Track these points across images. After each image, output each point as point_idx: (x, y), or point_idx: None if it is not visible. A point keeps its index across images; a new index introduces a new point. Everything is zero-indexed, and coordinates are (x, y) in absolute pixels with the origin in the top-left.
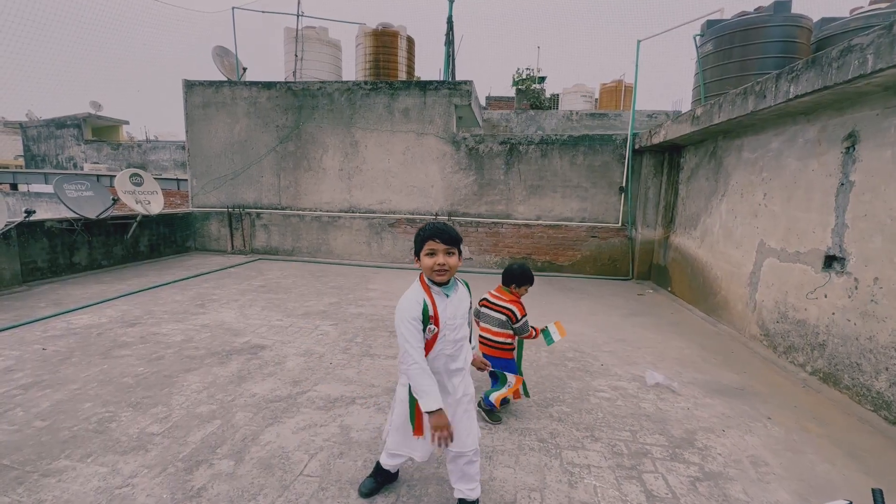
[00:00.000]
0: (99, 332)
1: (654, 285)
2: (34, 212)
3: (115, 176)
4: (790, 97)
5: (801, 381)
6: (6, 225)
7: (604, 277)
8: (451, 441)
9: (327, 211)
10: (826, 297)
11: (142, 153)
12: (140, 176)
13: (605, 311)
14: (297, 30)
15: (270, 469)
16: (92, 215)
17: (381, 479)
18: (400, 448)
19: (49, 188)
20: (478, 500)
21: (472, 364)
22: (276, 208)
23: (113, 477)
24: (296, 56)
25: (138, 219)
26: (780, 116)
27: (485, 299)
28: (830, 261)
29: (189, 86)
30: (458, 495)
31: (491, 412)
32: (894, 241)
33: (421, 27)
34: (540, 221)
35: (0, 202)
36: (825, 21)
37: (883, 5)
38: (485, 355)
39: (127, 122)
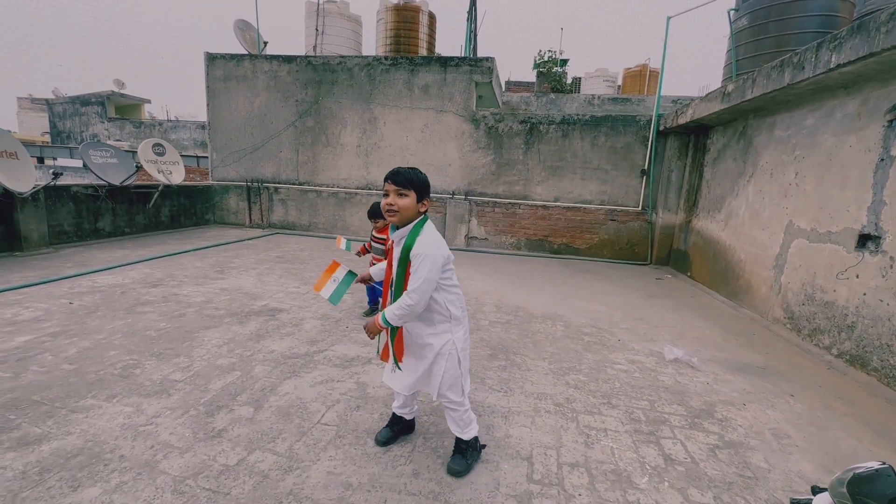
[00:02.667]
0: (123, 290)
1: (672, 270)
2: (62, 173)
3: (136, 152)
4: (831, 67)
5: (826, 364)
6: (34, 186)
7: (622, 261)
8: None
9: (344, 187)
10: (858, 277)
11: (163, 132)
12: (162, 146)
13: (623, 293)
14: (318, 4)
15: (289, 417)
16: (116, 181)
17: (397, 428)
18: (385, 379)
19: (75, 162)
20: (474, 438)
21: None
22: (294, 183)
23: (137, 416)
24: (316, 30)
25: (160, 188)
26: (818, 91)
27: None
28: (864, 240)
29: (211, 59)
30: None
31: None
32: None
33: (443, 2)
34: (558, 203)
35: (28, 164)
36: None
37: None
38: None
39: (149, 101)
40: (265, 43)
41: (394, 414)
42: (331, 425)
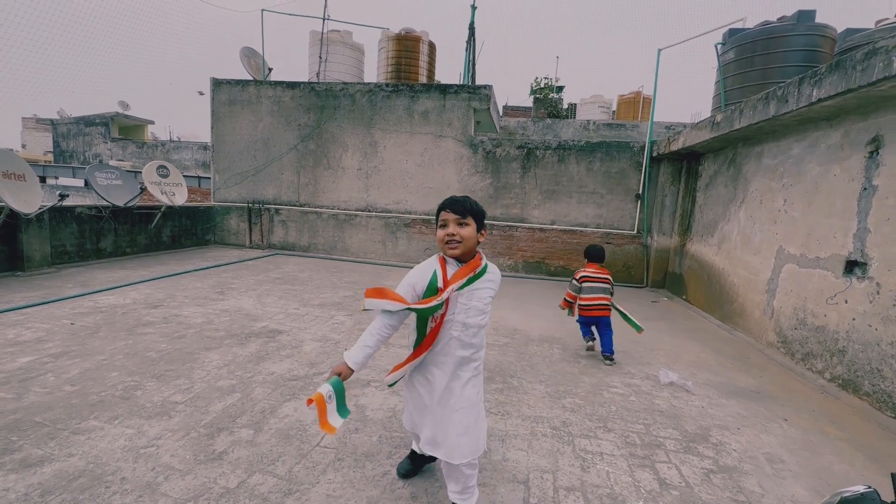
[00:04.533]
0: (124, 311)
1: (668, 293)
2: (68, 195)
3: (138, 173)
4: (813, 101)
5: (819, 388)
6: (40, 207)
7: (618, 284)
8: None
9: (344, 209)
10: (846, 302)
11: (165, 152)
12: (166, 168)
13: (619, 316)
14: (322, 33)
15: (289, 439)
16: (120, 203)
17: (416, 462)
18: (407, 422)
19: (77, 181)
20: None
21: None
22: (295, 205)
23: (139, 438)
24: (320, 58)
25: (163, 209)
26: (802, 122)
27: (585, 276)
28: (851, 266)
29: (217, 84)
30: (450, 497)
31: (610, 357)
32: None
33: (442, 32)
34: (555, 226)
35: (35, 185)
36: (850, 31)
37: None
38: (593, 317)
39: (152, 122)
40: (270, 69)
41: (413, 452)
42: (330, 448)
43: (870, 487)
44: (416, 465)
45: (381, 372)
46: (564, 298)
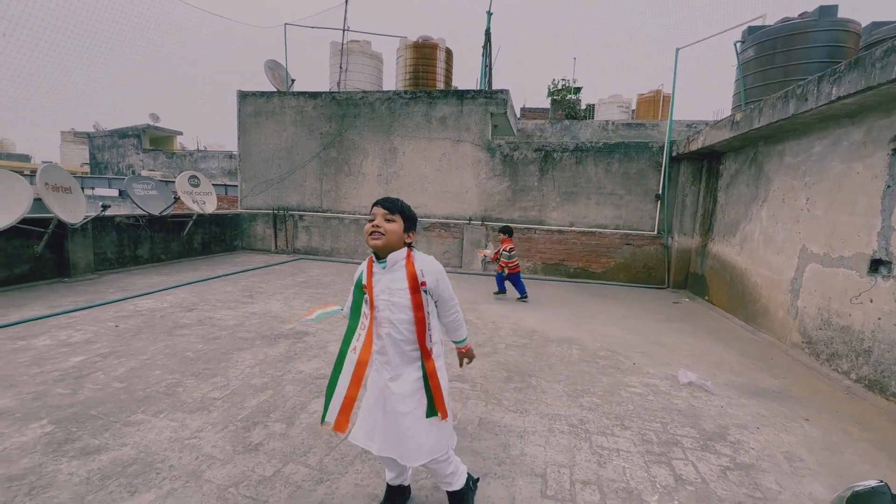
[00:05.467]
0: (162, 314)
1: (690, 294)
2: (109, 206)
3: (169, 182)
4: (832, 99)
5: (844, 388)
6: (85, 218)
7: (638, 285)
8: None
9: (365, 214)
10: (872, 301)
11: (193, 161)
12: (197, 178)
13: (639, 317)
14: (342, 43)
15: (318, 433)
16: (156, 212)
17: (392, 493)
18: (357, 437)
19: (112, 191)
20: (461, 489)
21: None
22: (318, 211)
23: (182, 430)
24: (340, 67)
25: (194, 217)
26: (824, 120)
27: (513, 248)
28: (876, 265)
29: (242, 96)
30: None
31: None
32: None
33: (459, 38)
34: (573, 228)
35: (80, 197)
36: (876, 25)
37: None
38: (516, 273)
39: (181, 133)
40: (293, 80)
41: (388, 486)
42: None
43: (882, 482)
44: (392, 499)
45: None
46: (498, 263)
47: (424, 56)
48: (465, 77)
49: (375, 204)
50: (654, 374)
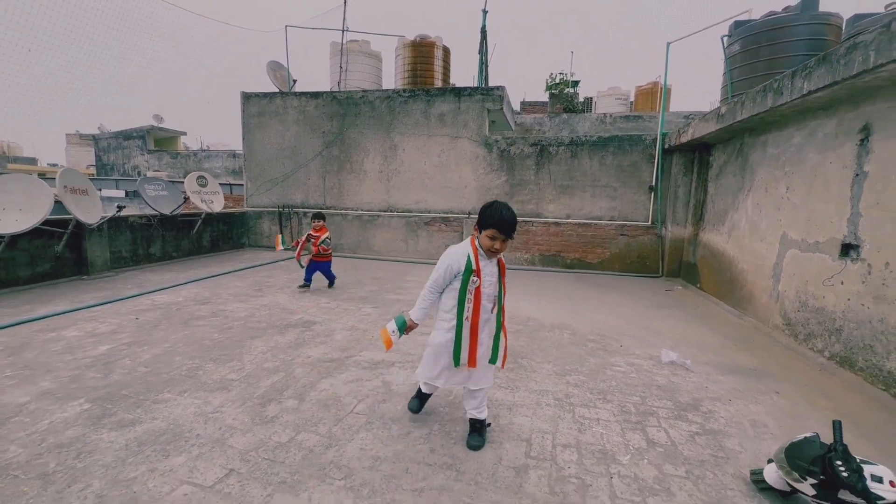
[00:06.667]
0: (178, 307)
1: (683, 282)
2: (125, 206)
3: (176, 182)
4: (804, 93)
5: (818, 366)
6: (101, 218)
7: (633, 275)
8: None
9: (367, 210)
10: (842, 283)
11: (197, 161)
12: (205, 178)
13: (632, 304)
14: (342, 44)
15: (327, 407)
16: (167, 211)
17: (423, 399)
18: (424, 377)
19: (118, 192)
20: (484, 420)
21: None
22: (321, 208)
23: (205, 406)
24: (340, 67)
25: (203, 216)
26: (801, 112)
27: (309, 234)
28: (846, 249)
29: (246, 97)
30: (468, 416)
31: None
32: None
33: (456, 36)
34: (570, 220)
35: (96, 198)
36: (858, 17)
37: None
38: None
39: (184, 133)
40: (294, 81)
41: (421, 391)
42: (361, 414)
43: (815, 433)
44: (423, 401)
45: (405, 355)
46: (297, 240)
47: (422, 55)
48: (463, 74)
49: (499, 229)
50: (639, 355)
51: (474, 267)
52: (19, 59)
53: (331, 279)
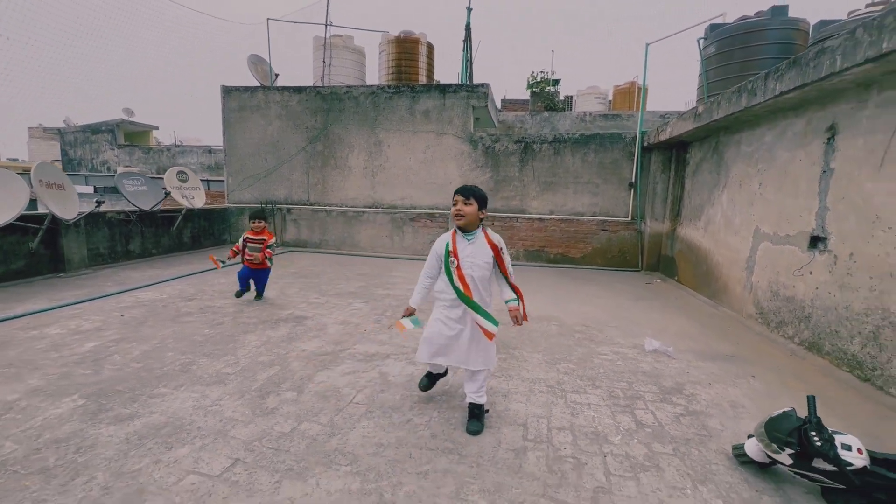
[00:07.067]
0: (164, 304)
1: (662, 275)
2: (103, 202)
3: (156, 178)
4: (776, 94)
5: (789, 351)
6: (78, 214)
7: (614, 269)
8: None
9: (352, 206)
10: (811, 273)
11: (171, 157)
12: (185, 173)
13: (613, 296)
14: (325, 38)
15: (326, 398)
16: (147, 207)
17: (433, 378)
18: (422, 357)
19: (87, 188)
20: (482, 405)
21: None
22: (305, 204)
23: (203, 399)
24: (324, 62)
25: (183, 212)
26: (773, 112)
27: (248, 238)
28: (815, 241)
29: (227, 91)
30: (467, 400)
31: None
32: (866, 220)
33: (440, 33)
34: (553, 216)
35: (73, 194)
36: (823, 23)
37: (878, 8)
38: (254, 270)
39: (157, 128)
40: (276, 75)
41: (430, 373)
42: (361, 404)
43: (791, 408)
44: (433, 381)
45: (399, 347)
46: (232, 249)
47: (406, 51)
48: (446, 72)
49: (456, 192)
50: (623, 344)
51: (451, 248)
52: None
53: (262, 290)
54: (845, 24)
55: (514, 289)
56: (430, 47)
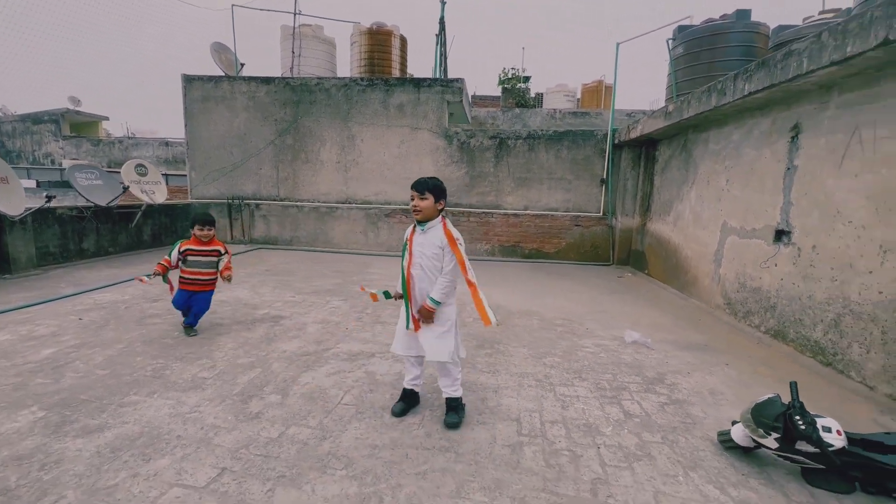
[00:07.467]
0: (126, 306)
1: (632, 269)
2: (54, 196)
3: (113, 172)
4: (745, 94)
5: (756, 339)
6: (25, 210)
7: (587, 263)
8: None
9: (325, 202)
10: (776, 265)
11: (123, 149)
12: (145, 167)
13: (588, 290)
14: (293, 27)
15: (313, 400)
16: (103, 202)
17: (409, 400)
18: (394, 348)
19: (29, 182)
20: (458, 398)
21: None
22: (275, 199)
23: (180, 406)
24: (293, 53)
25: (143, 208)
26: (740, 111)
27: (190, 249)
28: (780, 234)
29: (188, 80)
30: (443, 395)
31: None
32: (828, 214)
33: (411, 27)
34: (527, 211)
35: (19, 188)
36: (781, 28)
37: (829, 15)
38: (194, 293)
39: (107, 118)
40: (242, 65)
41: (404, 389)
42: (350, 405)
43: (776, 394)
44: (408, 404)
45: (384, 345)
46: (161, 264)
47: (379, 43)
48: (419, 67)
49: (411, 188)
50: (604, 337)
51: (408, 238)
52: None
53: (196, 320)
54: (800, 30)
55: (467, 280)
56: (404, 40)
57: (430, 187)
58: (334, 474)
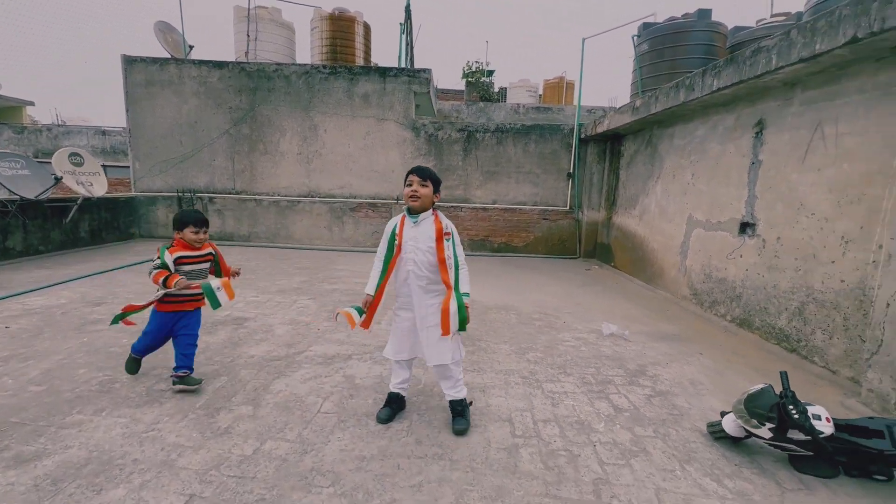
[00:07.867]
0: (63, 311)
1: (598, 262)
2: None
3: (43, 162)
4: (714, 90)
5: (723, 328)
6: None
7: (555, 256)
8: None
9: (286, 195)
10: (741, 256)
11: (52, 138)
12: (80, 155)
13: (560, 283)
14: (248, 9)
15: (289, 410)
16: (31, 195)
17: (395, 406)
18: (388, 352)
19: None
20: (463, 399)
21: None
22: (231, 192)
23: (135, 425)
24: (248, 36)
25: (79, 202)
26: (705, 107)
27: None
28: (744, 227)
29: (129, 62)
30: (446, 399)
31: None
32: (791, 207)
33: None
34: (496, 205)
35: None
36: (737, 29)
37: (781, 18)
38: (186, 312)
39: (32, 104)
40: (191, 47)
41: (389, 394)
42: (331, 413)
43: (767, 384)
44: (394, 410)
45: (360, 346)
46: (155, 275)
47: (342, 29)
48: (383, 55)
49: (412, 172)
50: (582, 330)
51: (397, 231)
52: None
53: (193, 356)
54: (755, 32)
55: (445, 282)
56: (367, 27)
57: (432, 175)
58: (321, 492)
